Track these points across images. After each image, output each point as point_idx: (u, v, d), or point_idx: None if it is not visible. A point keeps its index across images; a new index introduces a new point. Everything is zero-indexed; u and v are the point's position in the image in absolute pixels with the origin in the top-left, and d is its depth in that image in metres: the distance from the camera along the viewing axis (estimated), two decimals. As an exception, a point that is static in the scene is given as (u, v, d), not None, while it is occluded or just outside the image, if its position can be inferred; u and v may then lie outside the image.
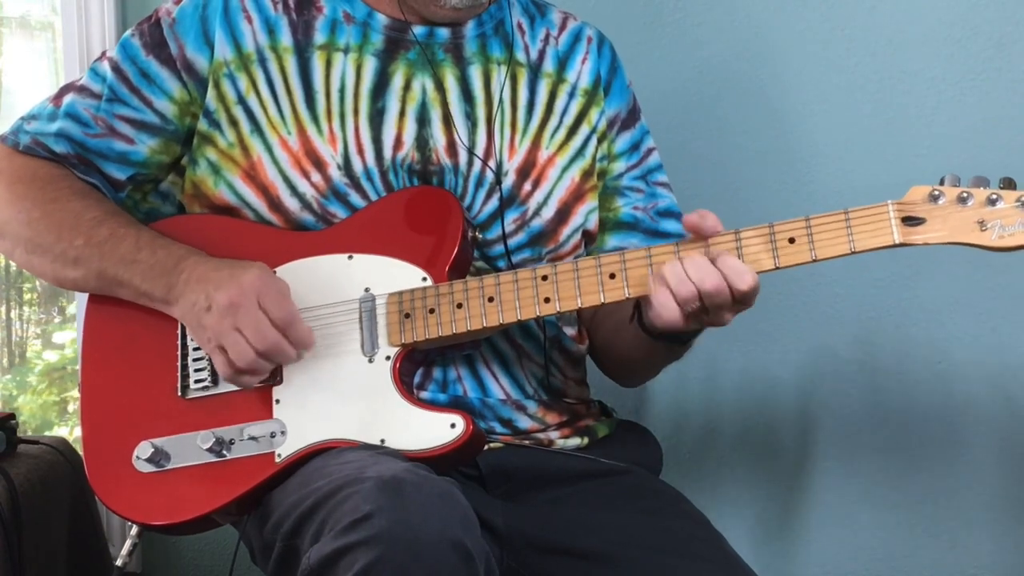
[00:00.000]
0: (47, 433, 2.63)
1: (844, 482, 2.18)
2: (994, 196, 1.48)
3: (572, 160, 1.79)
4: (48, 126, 1.76)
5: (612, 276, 1.58)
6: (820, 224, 1.52)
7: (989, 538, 2.12)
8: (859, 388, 2.15)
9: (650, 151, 1.88)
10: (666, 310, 1.53)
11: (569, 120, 1.81)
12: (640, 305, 1.62)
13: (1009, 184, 1.49)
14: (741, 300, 1.53)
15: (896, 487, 2.15)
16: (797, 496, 2.20)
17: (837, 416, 2.17)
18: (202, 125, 1.74)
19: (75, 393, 2.71)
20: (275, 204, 1.70)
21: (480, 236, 1.71)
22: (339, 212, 1.69)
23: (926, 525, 2.14)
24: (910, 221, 1.50)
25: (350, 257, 1.65)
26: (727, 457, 2.24)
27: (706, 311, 1.53)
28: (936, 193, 1.50)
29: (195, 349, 1.66)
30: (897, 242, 1.50)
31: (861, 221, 1.51)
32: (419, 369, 1.67)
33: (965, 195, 1.49)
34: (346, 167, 1.70)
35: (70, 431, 2.74)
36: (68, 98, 1.77)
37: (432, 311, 1.60)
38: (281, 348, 1.57)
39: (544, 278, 1.59)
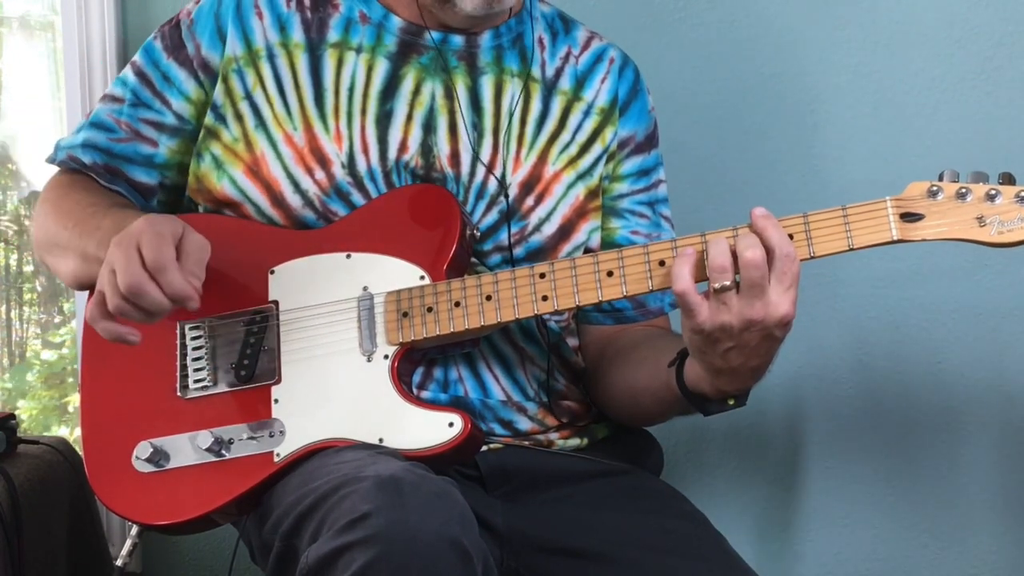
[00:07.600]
0: (47, 433, 2.62)
1: (844, 482, 2.17)
2: (993, 192, 1.46)
3: (579, 177, 1.78)
4: (77, 138, 1.80)
5: (610, 274, 1.57)
6: (818, 221, 1.50)
7: (989, 538, 2.12)
8: (858, 388, 2.15)
9: (660, 182, 1.85)
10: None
11: (582, 138, 1.79)
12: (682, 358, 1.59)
13: (1008, 179, 1.46)
14: (781, 273, 1.47)
15: (895, 487, 2.15)
16: (797, 496, 2.20)
17: (836, 416, 2.17)
18: (208, 119, 1.74)
19: (75, 394, 2.71)
20: (277, 200, 1.70)
21: (478, 234, 1.71)
22: (340, 210, 1.69)
23: (926, 525, 2.14)
24: (908, 217, 1.49)
25: (348, 256, 1.65)
26: (726, 457, 2.23)
27: (737, 287, 1.47)
28: (934, 189, 1.48)
29: (195, 349, 1.66)
30: (895, 238, 1.48)
31: (859, 217, 1.49)
32: (418, 368, 1.66)
33: (964, 191, 1.47)
34: (350, 166, 1.70)
35: (70, 431, 2.73)
36: (96, 108, 1.81)
37: (430, 310, 1.60)
38: (143, 289, 1.49)
39: (542, 275, 1.59)
